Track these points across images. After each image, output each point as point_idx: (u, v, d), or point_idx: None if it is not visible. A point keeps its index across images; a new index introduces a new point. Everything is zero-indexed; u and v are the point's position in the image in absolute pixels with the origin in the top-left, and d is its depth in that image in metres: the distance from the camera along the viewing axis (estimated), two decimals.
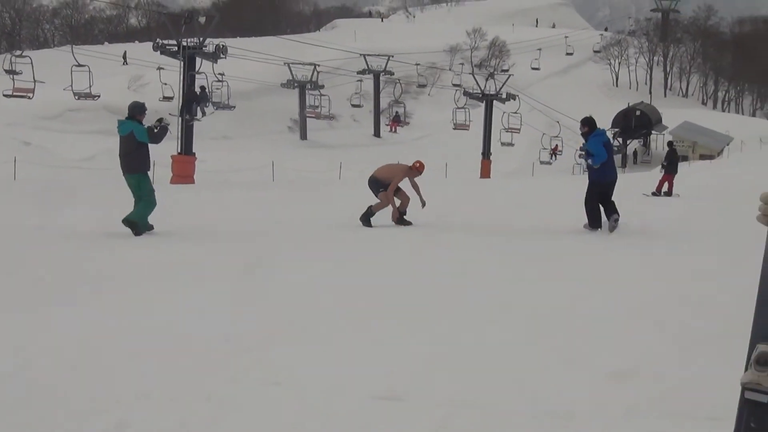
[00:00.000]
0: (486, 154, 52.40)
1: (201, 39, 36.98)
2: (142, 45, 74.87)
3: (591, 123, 14.18)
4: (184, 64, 35.94)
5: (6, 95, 36.97)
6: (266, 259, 10.57)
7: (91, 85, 38.28)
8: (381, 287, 8.55)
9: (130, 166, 13.12)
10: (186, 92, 41.13)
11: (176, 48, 36.74)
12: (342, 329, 6.68)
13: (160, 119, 13.70)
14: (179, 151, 34.91)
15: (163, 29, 68.63)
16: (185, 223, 14.10)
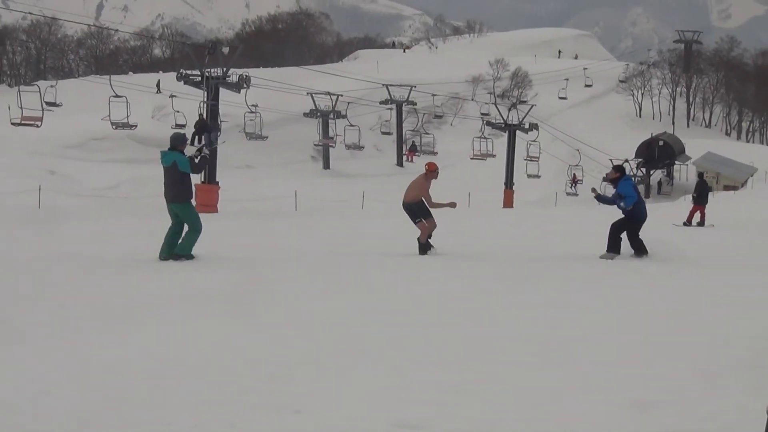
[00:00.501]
0: (509, 184, 52.42)
1: (224, 69, 37.21)
2: (166, 75, 75.58)
3: (623, 170, 15.32)
4: (207, 95, 36.18)
5: (14, 124, 36.94)
6: (288, 287, 10.59)
7: (129, 115, 38.71)
8: (401, 315, 8.54)
9: (174, 196, 13.49)
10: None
11: (200, 78, 37.00)
12: (362, 357, 6.67)
13: (201, 148, 14.04)
14: (203, 180, 35.07)
15: (186, 59, 69.28)
16: (208, 251, 14.12)
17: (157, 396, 5.61)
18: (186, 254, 13.33)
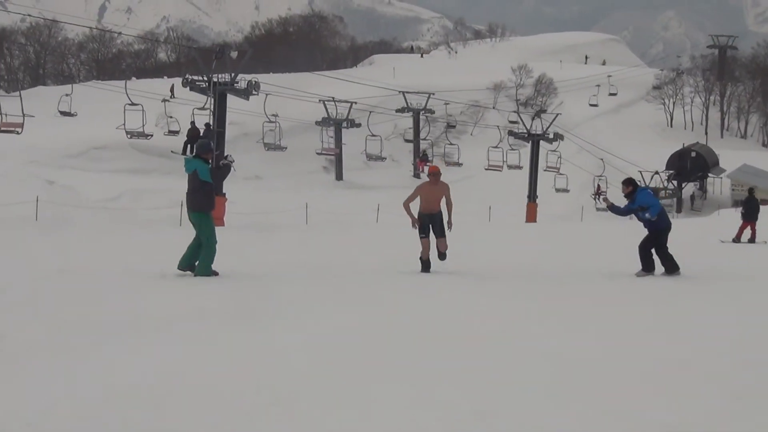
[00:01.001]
0: (532, 196, 52.01)
1: (233, 74, 37.24)
2: (171, 80, 75.83)
3: (634, 182, 15.28)
4: (214, 101, 36.16)
5: None
6: (297, 306, 10.57)
7: (144, 124, 38.86)
8: (414, 338, 8.49)
9: (193, 204, 13.64)
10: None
11: (206, 84, 37.03)
12: (373, 382, 6.62)
13: (226, 156, 14.27)
14: None
15: (193, 64, 69.45)
16: (213, 267, 14.13)
17: (157, 420, 5.58)
18: (205, 275, 13.46)
